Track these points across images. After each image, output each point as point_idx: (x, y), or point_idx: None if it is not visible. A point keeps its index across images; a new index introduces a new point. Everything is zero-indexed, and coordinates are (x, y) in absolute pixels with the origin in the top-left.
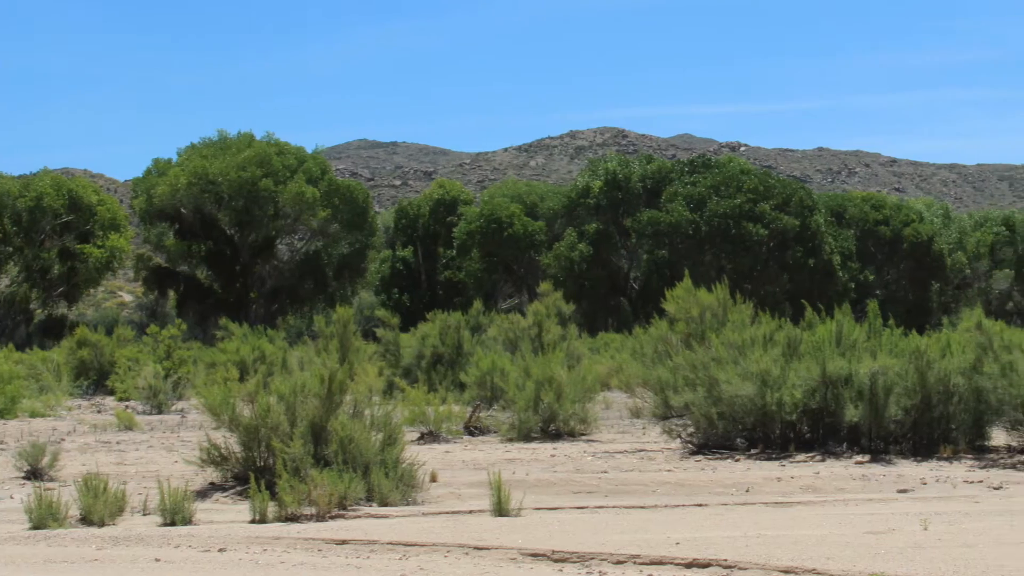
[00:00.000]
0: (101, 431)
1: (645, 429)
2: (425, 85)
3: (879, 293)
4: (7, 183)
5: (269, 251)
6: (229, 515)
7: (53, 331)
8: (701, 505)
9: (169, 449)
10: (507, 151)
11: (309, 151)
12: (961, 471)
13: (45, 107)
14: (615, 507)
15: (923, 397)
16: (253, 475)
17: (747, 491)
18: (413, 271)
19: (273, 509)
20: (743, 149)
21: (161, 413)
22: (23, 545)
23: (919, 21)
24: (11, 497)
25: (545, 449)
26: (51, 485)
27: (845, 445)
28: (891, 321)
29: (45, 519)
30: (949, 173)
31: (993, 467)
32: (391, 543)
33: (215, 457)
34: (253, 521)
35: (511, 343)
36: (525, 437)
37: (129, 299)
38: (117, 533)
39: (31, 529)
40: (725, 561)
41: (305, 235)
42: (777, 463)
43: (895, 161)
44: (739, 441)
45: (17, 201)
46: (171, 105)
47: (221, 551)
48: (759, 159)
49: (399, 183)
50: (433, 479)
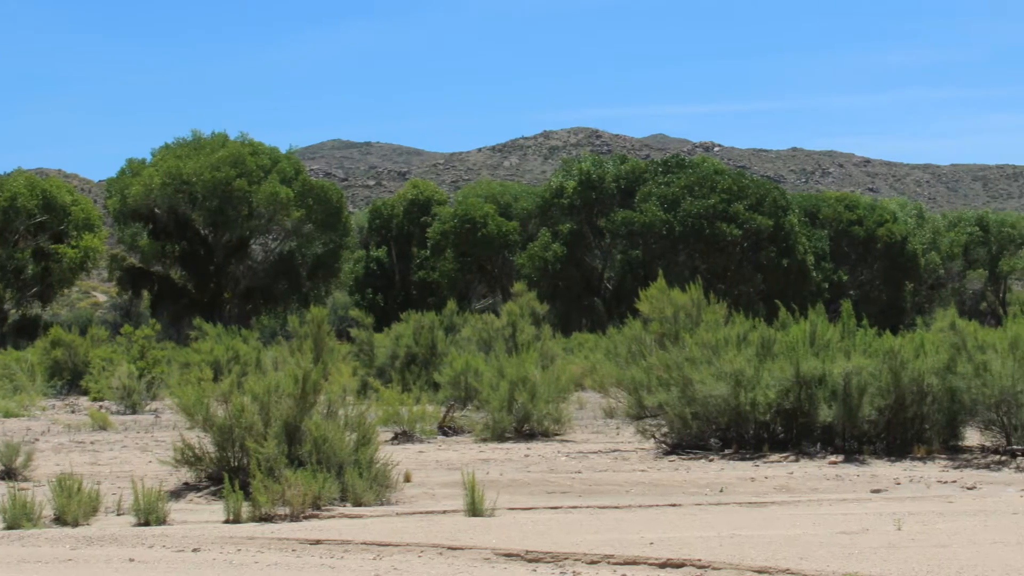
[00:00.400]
0: (75, 431)
1: (619, 429)
2: (399, 85)
3: (853, 293)
4: None
5: (243, 251)
6: (203, 515)
7: (27, 331)
8: (675, 505)
9: (143, 449)
10: (481, 151)
11: (283, 151)
12: (935, 471)
13: (19, 107)
14: (589, 507)
15: (897, 397)
16: (227, 475)
17: (721, 491)
18: (387, 271)
19: (247, 509)
20: (717, 149)
21: (135, 413)
22: None
23: (893, 22)
24: None
25: (519, 449)
26: (25, 485)
27: (819, 445)
28: (865, 321)
29: (19, 519)
30: (923, 173)
31: (967, 467)
32: (365, 543)
33: (189, 457)
34: (227, 521)
35: (485, 343)
36: (499, 437)
37: (103, 299)
38: (91, 533)
39: (5, 529)
40: (699, 561)
41: (279, 235)
42: (751, 463)
43: (869, 161)
44: (713, 441)
45: None
46: (145, 105)
47: (195, 551)
48: (733, 159)
49: (373, 183)
50: (407, 479)
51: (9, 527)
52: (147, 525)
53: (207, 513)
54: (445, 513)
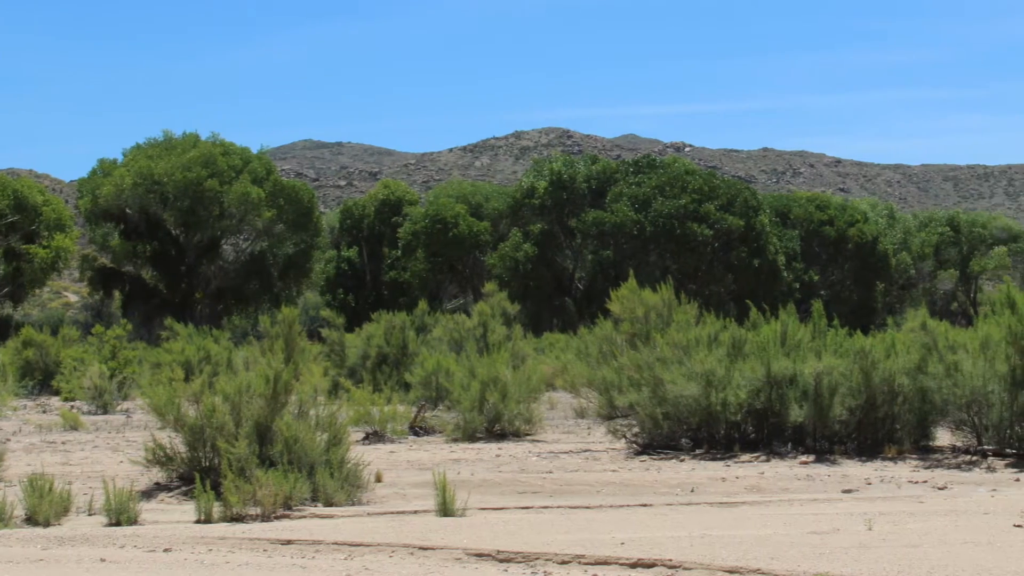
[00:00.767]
0: (46, 431)
1: (590, 429)
2: (370, 86)
3: (824, 293)
4: None
5: (214, 251)
6: (174, 515)
7: None
8: (646, 505)
9: (114, 449)
10: (452, 151)
11: (254, 151)
12: (906, 471)
13: None
14: (560, 507)
15: (868, 397)
16: (198, 475)
17: (692, 491)
18: (358, 271)
19: (218, 509)
20: (688, 149)
21: (107, 413)
22: None
23: (863, 22)
24: None
25: (490, 449)
26: None
27: (790, 445)
28: (836, 321)
29: None
30: (894, 173)
31: (938, 467)
32: (336, 543)
33: (160, 457)
34: (198, 521)
35: (456, 343)
36: (470, 437)
37: (75, 299)
38: (62, 533)
39: None
40: (670, 561)
41: (250, 235)
42: (722, 463)
43: (840, 161)
44: (684, 441)
45: None
46: (117, 105)
47: (166, 551)
48: (704, 159)
49: (344, 183)
50: (378, 479)
51: None
52: (118, 525)
53: (178, 513)
54: (416, 513)
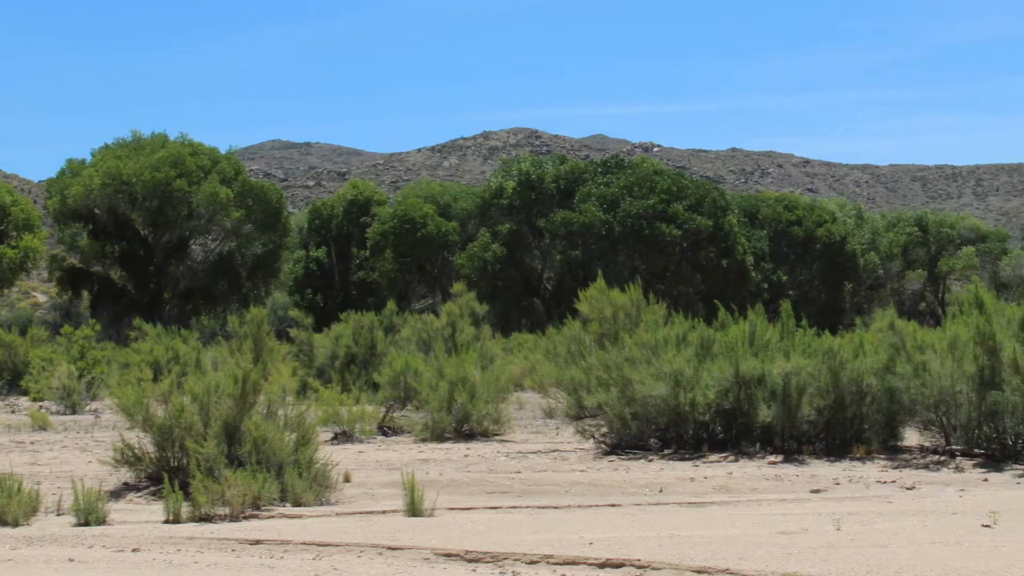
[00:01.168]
0: (15, 431)
1: (559, 429)
2: (338, 86)
3: (792, 293)
4: None
5: (183, 251)
6: (143, 515)
7: None
8: (615, 505)
9: (83, 449)
10: (420, 152)
11: (223, 152)
12: (874, 471)
13: None
14: (529, 507)
15: (836, 397)
16: (167, 475)
17: (660, 491)
18: (327, 271)
19: (187, 509)
20: (656, 150)
21: (75, 413)
22: None
23: (831, 23)
24: None
25: (459, 449)
26: None
27: (758, 445)
28: (804, 321)
29: None
30: (862, 174)
31: (906, 467)
32: (305, 543)
33: (129, 457)
34: (167, 521)
35: (425, 343)
36: (439, 437)
37: (43, 299)
38: (31, 533)
39: None
40: (639, 561)
41: (219, 235)
42: (690, 463)
43: (808, 162)
44: (652, 441)
45: None
46: (85, 106)
47: (135, 551)
48: (672, 160)
49: (313, 184)
50: (347, 479)
51: None
52: (87, 525)
53: (147, 513)
54: (385, 513)
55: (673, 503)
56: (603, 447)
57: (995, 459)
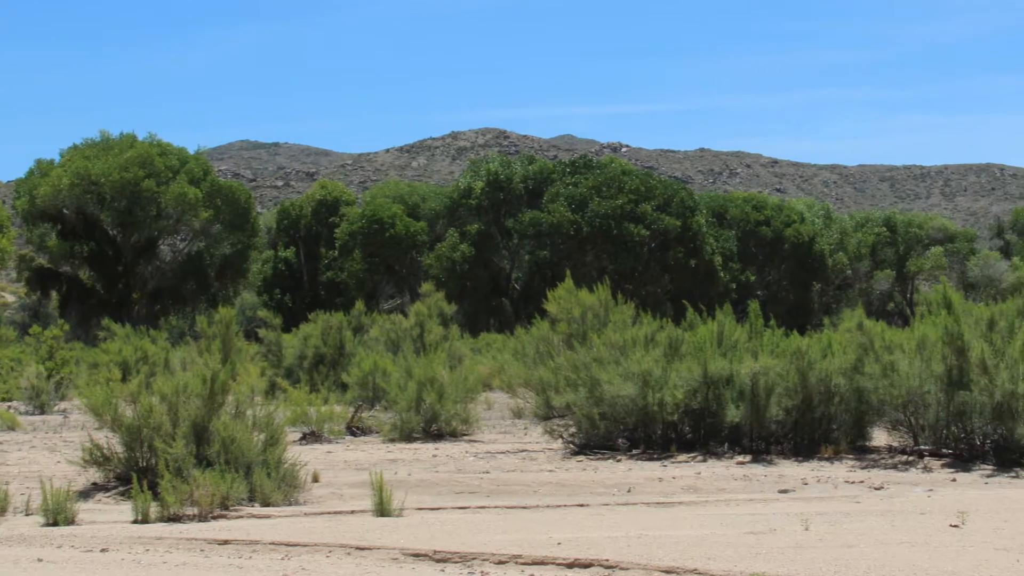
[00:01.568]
0: None
1: (527, 429)
2: (307, 86)
3: (760, 293)
4: None
5: (151, 252)
6: (112, 515)
7: None
8: (583, 505)
9: (52, 449)
10: (389, 152)
11: (191, 152)
12: (842, 471)
13: None
14: (497, 507)
15: (804, 397)
16: (136, 475)
17: (629, 491)
18: (295, 272)
19: (155, 509)
20: (624, 150)
21: (44, 413)
22: None
23: (799, 22)
24: None
25: (427, 449)
26: None
27: (727, 445)
28: (772, 321)
29: None
30: (830, 174)
31: (874, 467)
32: (273, 543)
33: (98, 457)
34: (136, 521)
35: (393, 343)
36: (407, 437)
37: (12, 299)
38: (0, 533)
39: None
40: (607, 561)
41: (187, 236)
42: (659, 463)
43: (776, 162)
44: (621, 441)
45: None
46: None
47: (104, 551)
48: (640, 160)
49: (281, 184)
50: (315, 479)
51: None
52: (56, 525)
53: (116, 513)
54: (353, 513)
55: (642, 503)
56: (571, 447)
57: (963, 459)
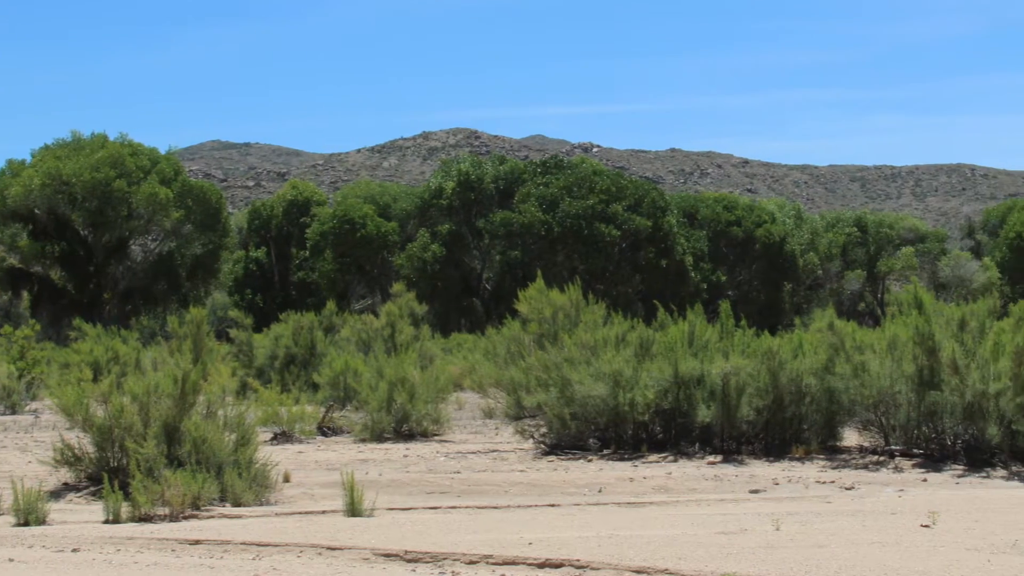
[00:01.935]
0: None
1: (498, 429)
2: (278, 86)
3: (731, 294)
4: None
5: (123, 252)
6: (83, 515)
7: None
8: (554, 505)
9: (23, 449)
10: (360, 152)
11: (162, 152)
12: (813, 471)
13: None
14: (468, 507)
15: (775, 397)
16: (107, 475)
17: (600, 491)
18: (266, 272)
19: (127, 509)
20: (595, 150)
21: (15, 413)
22: None
23: (770, 23)
24: None
25: (398, 449)
26: None
27: (697, 446)
28: (743, 322)
29: None
30: (801, 174)
31: (845, 467)
32: (244, 543)
33: (69, 458)
34: (107, 521)
35: (364, 344)
36: (378, 437)
37: None
38: None
39: None
40: (578, 561)
41: (158, 236)
42: (630, 463)
43: (747, 162)
44: (592, 442)
45: None
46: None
47: (75, 551)
48: (611, 160)
49: (252, 184)
50: (286, 479)
51: None
52: (27, 525)
53: (87, 513)
54: (324, 513)
55: (612, 503)
56: (542, 447)
57: (934, 459)
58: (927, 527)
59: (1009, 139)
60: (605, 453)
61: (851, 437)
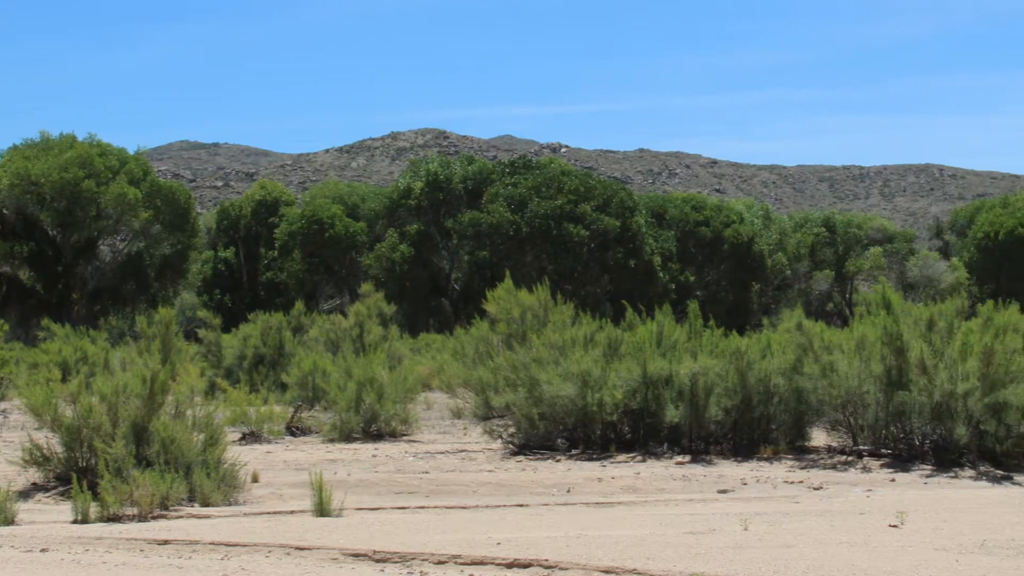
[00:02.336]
0: None
1: (466, 430)
2: (246, 86)
3: (700, 294)
4: None
5: (91, 252)
6: (52, 515)
7: None
8: (522, 505)
9: None
10: (328, 152)
11: (131, 152)
12: (781, 471)
13: None
14: (436, 507)
15: (743, 398)
16: (75, 475)
17: (568, 491)
18: (235, 272)
19: (95, 509)
20: (564, 150)
21: None
22: None
23: (737, 23)
24: None
25: (367, 449)
26: None
27: (666, 446)
28: (712, 322)
29: None
30: (769, 174)
31: (813, 467)
32: (213, 543)
33: (37, 457)
34: (75, 521)
35: (333, 344)
36: (347, 437)
37: None
38: None
39: None
40: (546, 561)
41: (127, 236)
42: (598, 464)
43: (715, 162)
44: (560, 442)
45: None
46: None
47: (43, 551)
48: (580, 160)
49: (221, 184)
50: (255, 479)
51: None
52: None
53: (55, 513)
54: (293, 513)
55: (581, 503)
56: (511, 447)
57: (902, 459)
58: (895, 527)
59: (977, 139)
60: (574, 453)
61: (819, 437)
